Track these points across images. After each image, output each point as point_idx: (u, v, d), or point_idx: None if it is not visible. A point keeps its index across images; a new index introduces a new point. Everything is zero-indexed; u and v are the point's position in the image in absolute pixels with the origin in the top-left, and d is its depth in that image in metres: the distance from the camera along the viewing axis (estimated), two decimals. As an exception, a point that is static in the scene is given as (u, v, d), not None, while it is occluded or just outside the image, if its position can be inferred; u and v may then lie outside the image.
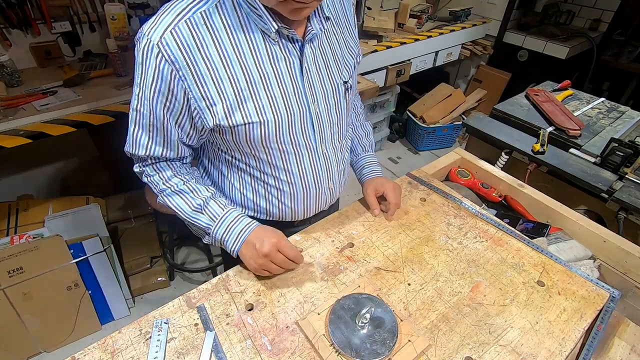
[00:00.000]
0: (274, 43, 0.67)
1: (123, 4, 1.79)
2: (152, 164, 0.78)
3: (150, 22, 0.62)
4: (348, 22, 0.82)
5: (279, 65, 0.69)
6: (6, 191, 1.90)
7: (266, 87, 0.69)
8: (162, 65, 0.62)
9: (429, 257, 0.83)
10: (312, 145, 0.79)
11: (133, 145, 0.74)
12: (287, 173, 0.80)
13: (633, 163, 1.21)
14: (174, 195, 0.78)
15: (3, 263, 1.36)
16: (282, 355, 0.64)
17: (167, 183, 0.78)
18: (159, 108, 0.68)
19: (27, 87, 1.61)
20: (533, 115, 1.52)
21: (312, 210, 0.89)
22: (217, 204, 0.78)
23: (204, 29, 0.63)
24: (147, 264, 1.88)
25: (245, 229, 0.77)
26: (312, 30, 0.70)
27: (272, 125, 0.71)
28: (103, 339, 0.66)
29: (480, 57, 3.11)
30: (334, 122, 0.81)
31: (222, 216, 0.77)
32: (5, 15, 1.63)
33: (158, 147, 0.74)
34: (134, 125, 0.72)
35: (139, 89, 0.67)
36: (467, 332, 0.69)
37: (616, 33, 2.88)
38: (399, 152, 3.10)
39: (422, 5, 2.72)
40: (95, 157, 2.14)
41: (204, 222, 0.78)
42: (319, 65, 0.74)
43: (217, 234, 0.77)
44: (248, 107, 0.68)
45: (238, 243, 0.76)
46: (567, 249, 0.93)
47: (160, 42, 0.61)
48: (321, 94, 0.76)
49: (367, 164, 1.00)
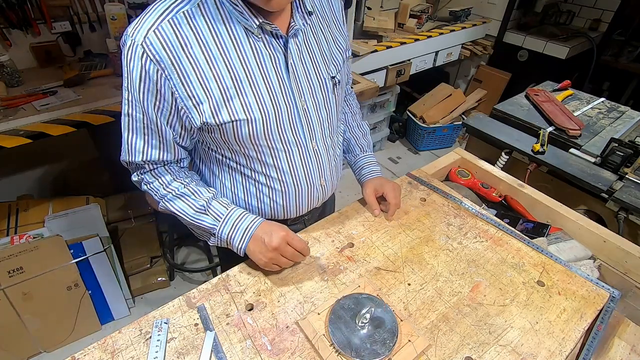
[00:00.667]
0: (257, 39, 0.67)
1: (123, 4, 1.79)
2: (150, 171, 0.77)
3: (133, 24, 0.63)
4: (335, 17, 0.81)
5: (264, 62, 0.69)
6: (6, 191, 1.90)
7: (252, 84, 0.68)
8: (147, 65, 0.63)
9: (429, 257, 0.83)
10: (301, 141, 0.79)
11: (129, 152, 0.73)
12: (278, 170, 0.80)
13: (633, 163, 1.21)
14: (175, 200, 0.77)
15: (3, 263, 1.36)
16: (282, 355, 0.64)
17: (168, 188, 0.77)
18: (150, 108, 0.67)
19: (27, 87, 1.61)
20: (533, 115, 1.52)
21: (304, 207, 0.88)
22: (220, 204, 0.77)
23: (187, 28, 0.63)
24: (147, 264, 1.88)
25: (251, 225, 0.76)
26: (295, 25, 0.70)
27: (259, 123, 0.71)
28: (103, 339, 0.66)
29: (480, 57, 3.11)
30: (324, 117, 0.81)
31: (227, 215, 0.76)
32: (5, 15, 1.62)
33: (154, 150, 0.73)
34: (127, 132, 0.72)
35: (128, 93, 0.67)
36: (467, 332, 0.69)
37: (616, 33, 2.88)
38: (399, 152, 3.10)
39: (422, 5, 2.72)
40: (95, 157, 2.14)
41: (208, 223, 0.77)
42: (305, 60, 0.74)
43: (223, 233, 0.76)
44: (234, 104, 0.68)
45: (245, 240, 0.76)
46: (567, 249, 0.93)
47: (145, 42, 0.61)
48: (308, 89, 0.75)
49: (366, 164, 1.00)
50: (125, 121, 0.71)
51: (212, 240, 0.80)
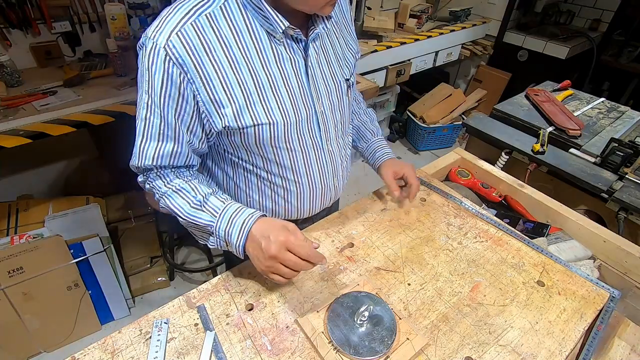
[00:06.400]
0: (279, 43, 0.68)
1: (123, 4, 1.79)
2: (156, 172, 0.75)
3: (154, 26, 0.62)
4: (346, 20, 0.82)
5: (285, 66, 0.69)
6: (6, 191, 1.90)
7: (273, 88, 0.69)
8: (170, 69, 0.61)
9: (429, 257, 0.83)
10: (318, 143, 0.80)
11: (140, 156, 0.71)
12: (295, 172, 0.80)
13: (633, 163, 1.21)
14: (174, 195, 0.73)
15: (3, 263, 1.36)
16: (282, 355, 0.64)
17: (169, 184, 0.74)
18: (170, 114, 0.66)
19: (27, 87, 1.61)
20: (533, 115, 1.52)
21: (317, 207, 0.90)
22: (217, 199, 0.72)
23: (210, 31, 0.62)
24: (147, 264, 1.89)
25: (248, 219, 0.69)
26: (315, 29, 0.70)
27: (280, 126, 0.71)
28: (103, 339, 0.66)
29: (480, 57, 3.11)
30: (338, 119, 0.82)
31: (223, 209, 0.71)
32: (5, 15, 1.63)
33: (166, 156, 0.71)
34: (141, 137, 0.69)
35: (148, 97, 0.65)
36: (467, 332, 0.69)
37: (616, 33, 2.88)
38: (399, 152, 3.10)
39: (422, 5, 2.72)
40: (95, 157, 2.14)
41: (204, 220, 0.71)
42: (322, 64, 0.75)
43: (220, 230, 0.70)
44: (257, 108, 0.68)
45: (242, 236, 0.68)
46: (567, 249, 0.93)
47: (167, 45, 0.60)
48: (325, 92, 0.77)
49: (379, 148, 1.00)
50: (140, 126, 0.68)
51: (211, 240, 0.74)
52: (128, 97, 1.58)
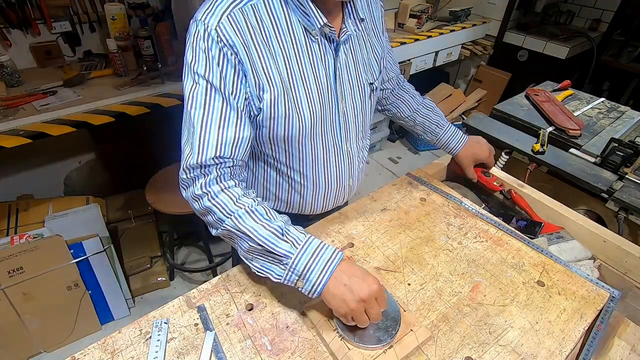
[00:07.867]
0: (313, 41, 0.70)
1: (123, 4, 1.79)
2: (216, 177, 0.68)
3: (203, 9, 0.63)
4: (375, 26, 0.84)
5: (316, 62, 0.71)
6: (6, 191, 1.90)
7: (304, 82, 0.71)
8: (225, 50, 0.63)
9: (429, 257, 0.83)
10: (338, 143, 0.82)
11: (200, 149, 0.65)
12: (314, 170, 0.83)
13: (633, 163, 1.21)
14: (246, 217, 0.66)
15: (3, 263, 1.36)
16: (282, 355, 0.64)
17: (238, 202, 0.67)
18: (228, 92, 0.65)
19: (27, 87, 1.61)
20: (533, 115, 1.52)
21: (330, 205, 0.93)
22: (296, 229, 0.67)
23: (254, 20, 0.65)
24: (147, 264, 1.89)
25: (333, 258, 0.64)
26: (346, 31, 0.72)
27: (308, 120, 0.73)
28: (103, 339, 0.66)
29: (480, 57, 3.11)
30: (359, 121, 0.85)
31: (305, 241, 0.65)
32: (5, 15, 1.63)
33: (229, 144, 0.67)
34: (201, 126, 0.65)
35: (205, 81, 0.64)
36: (467, 332, 0.69)
37: (616, 33, 2.87)
38: (399, 152, 3.10)
39: (422, 5, 2.72)
40: (95, 157, 2.14)
41: (283, 249, 0.64)
42: (350, 65, 0.77)
43: (299, 263, 0.63)
44: (289, 99, 0.70)
45: (326, 275, 0.63)
46: (568, 249, 0.93)
47: (219, 27, 0.62)
48: (350, 93, 0.79)
49: (451, 137, 1.04)
50: (198, 115, 0.65)
51: (277, 272, 0.66)
52: (128, 97, 1.59)
